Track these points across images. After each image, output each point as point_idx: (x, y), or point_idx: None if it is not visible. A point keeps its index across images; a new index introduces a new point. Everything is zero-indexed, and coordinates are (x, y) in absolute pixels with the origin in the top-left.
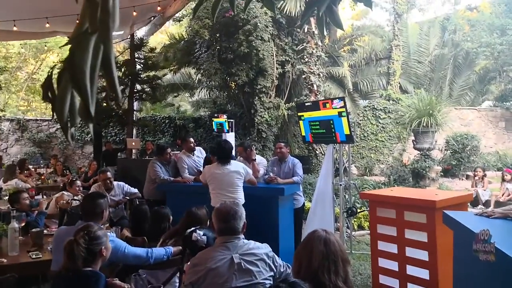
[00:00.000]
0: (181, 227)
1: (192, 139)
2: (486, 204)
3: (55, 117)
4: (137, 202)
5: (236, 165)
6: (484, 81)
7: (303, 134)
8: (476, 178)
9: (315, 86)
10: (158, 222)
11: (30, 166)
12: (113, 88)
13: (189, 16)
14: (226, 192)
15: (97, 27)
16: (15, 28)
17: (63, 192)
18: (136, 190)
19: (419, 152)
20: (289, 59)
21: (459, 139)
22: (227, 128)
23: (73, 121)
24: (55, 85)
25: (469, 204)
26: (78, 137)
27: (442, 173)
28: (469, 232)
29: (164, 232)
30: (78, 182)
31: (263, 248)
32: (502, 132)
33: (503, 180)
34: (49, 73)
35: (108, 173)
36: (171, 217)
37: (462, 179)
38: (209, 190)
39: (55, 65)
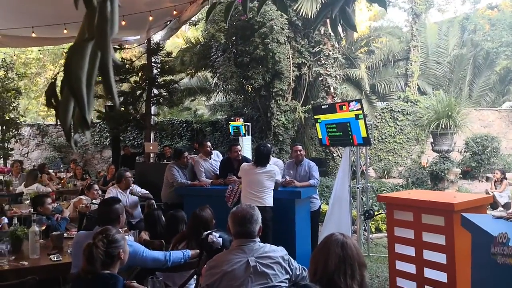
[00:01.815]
0: (188, 230)
1: (209, 143)
2: (506, 206)
3: (59, 123)
4: (155, 206)
5: (271, 168)
6: (505, 81)
7: (320, 137)
8: (495, 180)
9: (331, 88)
10: (174, 225)
11: (51, 171)
12: (110, 93)
13: (204, 20)
14: (254, 191)
15: (94, 34)
16: (33, 35)
17: (81, 196)
18: (145, 191)
19: (437, 154)
20: (306, 62)
21: (479, 140)
22: (244, 132)
23: (76, 128)
24: (58, 92)
25: (488, 206)
26: (97, 142)
27: (461, 175)
28: (487, 235)
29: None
30: (96, 186)
31: (279, 251)
32: None
33: None
34: (53, 80)
35: (128, 173)
36: (186, 220)
37: (482, 181)
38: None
39: (58, 72)
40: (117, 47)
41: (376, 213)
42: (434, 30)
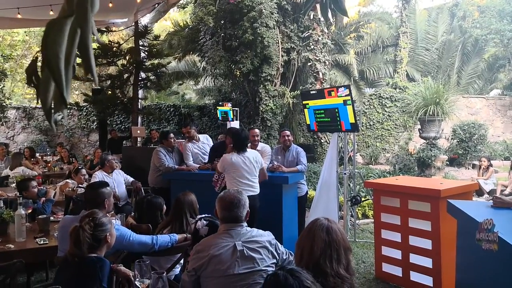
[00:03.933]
0: (172, 215)
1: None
2: (491, 193)
3: (39, 103)
4: (143, 193)
5: (254, 154)
6: (493, 69)
7: (308, 122)
8: (482, 168)
9: (320, 74)
10: (151, 211)
11: (37, 154)
12: (90, 72)
13: (193, 3)
14: (247, 181)
15: (74, 10)
16: (19, 16)
17: (67, 180)
18: (132, 179)
19: (425, 141)
20: (295, 47)
21: (466, 128)
22: (232, 117)
23: (57, 107)
24: (40, 71)
25: (474, 193)
26: (84, 125)
27: (448, 162)
28: (472, 221)
29: (156, 221)
30: (84, 171)
31: (266, 236)
32: (510, 121)
33: None
34: (34, 58)
35: (109, 156)
36: (164, 207)
37: (469, 168)
38: (226, 178)
39: (39, 50)
40: (104, 29)
41: (363, 199)
42: (423, 16)
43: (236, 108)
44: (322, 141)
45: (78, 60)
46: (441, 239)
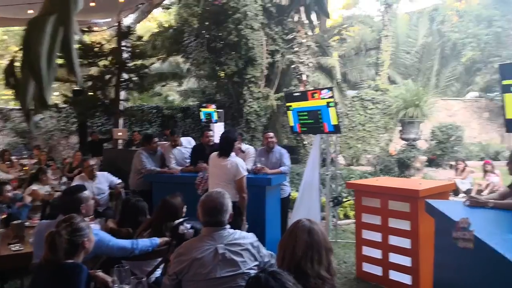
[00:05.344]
0: (157, 217)
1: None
2: (467, 192)
3: (18, 104)
4: (125, 194)
5: (236, 162)
6: (470, 72)
7: (292, 124)
8: (459, 169)
9: (304, 76)
10: (134, 215)
11: (13, 157)
12: (73, 72)
13: (177, 4)
14: (223, 186)
15: (56, 8)
16: None
17: (32, 187)
18: (120, 180)
19: (405, 142)
20: (279, 49)
21: (444, 129)
22: (216, 118)
23: (37, 109)
24: (19, 71)
25: (451, 193)
26: (63, 127)
27: (427, 163)
28: (449, 221)
29: (138, 226)
30: (49, 172)
31: (249, 238)
32: (486, 123)
33: (485, 171)
34: (12, 59)
35: (91, 161)
36: (147, 212)
37: (446, 169)
38: (209, 179)
39: (17, 50)
40: (85, 29)
41: (344, 200)
42: (405, 20)
43: (221, 110)
44: (305, 142)
45: (60, 61)
46: (420, 238)
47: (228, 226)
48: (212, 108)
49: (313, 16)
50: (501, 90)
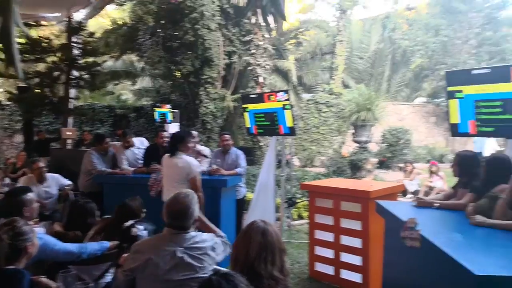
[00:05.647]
0: (114, 219)
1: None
2: (415, 193)
3: None
4: (73, 196)
5: (188, 161)
6: (419, 78)
7: (248, 126)
8: (407, 171)
9: (261, 78)
10: (81, 217)
11: None
12: (12, 63)
13: (132, 0)
14: (176, 186)
15: None
16: None
17: None
18: (69, 182)
19: (357, 144)
20: (236, 50)
21: (394, 132)
22: (171, 119)
23: None
24: None
25: (400, 194)
26: (7, 126)
27: (377, 165)
28: (398, 220)
29: (87, 228)
30: None
31: (209, 241)
32: (433, 127)
33: (431, 172)
34: None
35: (41, 163)
36: (95, 214)
37: (396, 171)
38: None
39: None
40: (33, 23)
41: (298, 200)
42: (358, 26)
43: (176, 110)
44: (261, 144)
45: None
46: (370, 238)
47: (191, 229)
48: (166, 108)
49: (270, 19)
50: (447, 96)
